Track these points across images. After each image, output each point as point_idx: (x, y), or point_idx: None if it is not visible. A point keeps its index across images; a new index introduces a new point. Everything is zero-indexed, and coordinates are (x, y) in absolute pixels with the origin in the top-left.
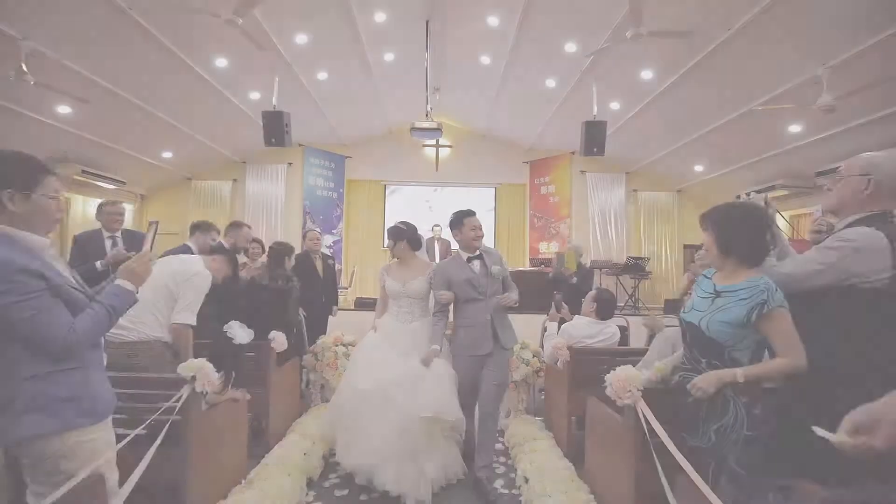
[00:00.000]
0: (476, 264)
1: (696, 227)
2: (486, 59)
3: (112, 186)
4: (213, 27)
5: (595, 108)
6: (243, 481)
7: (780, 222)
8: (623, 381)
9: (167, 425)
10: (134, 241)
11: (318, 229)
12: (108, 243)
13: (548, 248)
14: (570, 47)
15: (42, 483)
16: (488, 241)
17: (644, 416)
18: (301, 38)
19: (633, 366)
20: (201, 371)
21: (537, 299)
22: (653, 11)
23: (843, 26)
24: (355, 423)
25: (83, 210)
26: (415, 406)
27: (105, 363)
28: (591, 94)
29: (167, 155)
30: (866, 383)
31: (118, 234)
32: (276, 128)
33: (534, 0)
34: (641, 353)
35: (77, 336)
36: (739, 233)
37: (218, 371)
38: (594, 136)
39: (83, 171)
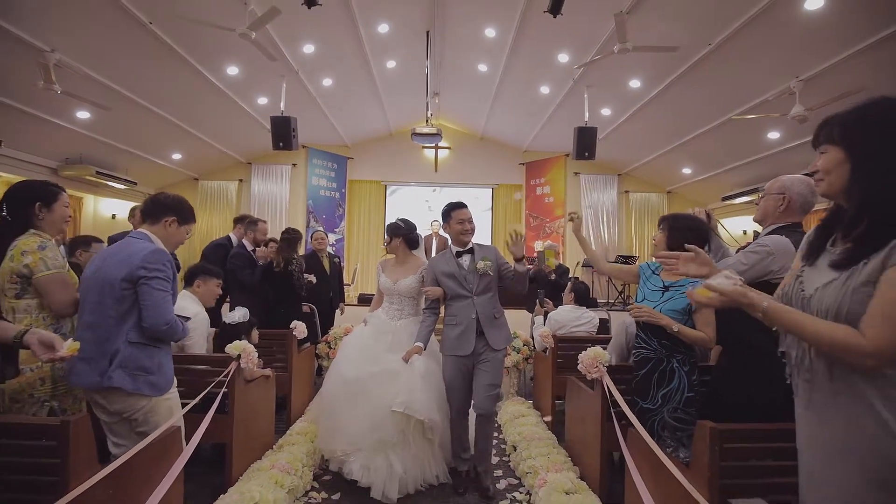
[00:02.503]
0: (465, 259)
1: None
2: (483, 67)
3: (123, 187)
4: (226, 39)
5: (587, 115)
6: (274, 447)
7: (722, 232)
8: (592, 359)
9: (220, 395)
10: None
11: (322, 228)
12: None
13: (543, 247)
14: (563, 57)
15: (124, 436)
16: (485, 239)
17: (607, 387)
18: (308, 48)
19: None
20: (245, 350)
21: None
22: (638, 27)
23: (814, 43)
24: (334, 411)
25: (94, 208)
26: (388, 400)
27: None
28: (583, 100)
29: (177, 156)
30: (773, 358)
31: None
32: (283, 132)
33: (528, 14)
34: None
35: (173, 326)
36: (685, 240)
37: None
38: (585, 141)
39: (97, 172)
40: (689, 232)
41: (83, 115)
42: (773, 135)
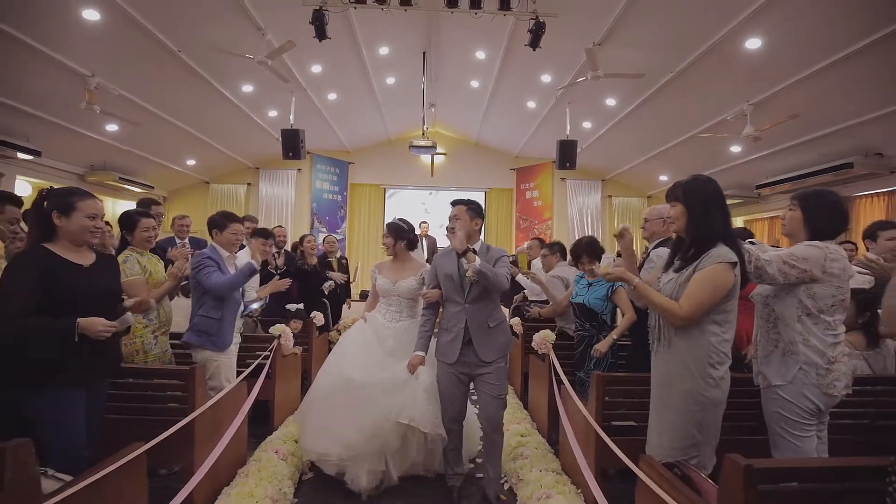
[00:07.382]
0: (465, 261)
1: None
2: (475, 83)
3: (140, 190)
4: (243, 62)
5: (568, 128)
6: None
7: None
8: (542, 338)
9: (267, 365)
10: (197, 245)
11: (326, 229)
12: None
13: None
14: (546, 78)
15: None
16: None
17: (552, 360)
18: (316, 68)
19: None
20: (284, 332)
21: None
22: (609, 56)
23: (759, 74)
24: (330, 409)
25: (114, 210)
26: (393, 411)
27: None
28: (565, 115)
29: (191, 162)
30: None
31: (186, 239)
32: (292, 143)
33: (513, 41)
34: None
35: (215, 287)
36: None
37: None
38: (567, 153)
39: (119, 178)
40: (586, 246)
41: (111, 127)
42: (735, 148)
